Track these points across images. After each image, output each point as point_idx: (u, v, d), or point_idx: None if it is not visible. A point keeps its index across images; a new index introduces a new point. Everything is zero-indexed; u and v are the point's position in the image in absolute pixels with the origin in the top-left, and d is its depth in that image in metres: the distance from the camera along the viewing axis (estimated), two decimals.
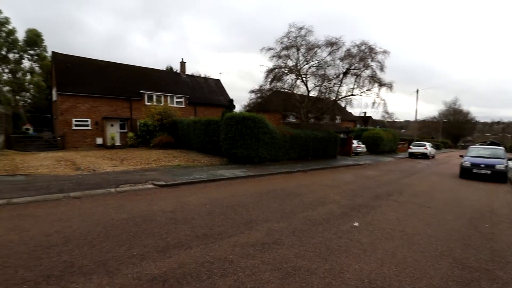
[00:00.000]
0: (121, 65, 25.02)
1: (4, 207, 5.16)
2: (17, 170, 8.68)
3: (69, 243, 3.63)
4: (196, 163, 12.40)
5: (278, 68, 19.86)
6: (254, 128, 12.66)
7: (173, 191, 7.10)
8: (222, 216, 5.10)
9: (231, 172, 10.36)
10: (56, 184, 6.93)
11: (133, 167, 10.50)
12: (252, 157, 12.84)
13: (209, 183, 8.45)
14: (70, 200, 5.80)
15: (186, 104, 26.15)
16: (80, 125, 20.74)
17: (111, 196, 6.32)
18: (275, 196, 7.02)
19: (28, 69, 33.29)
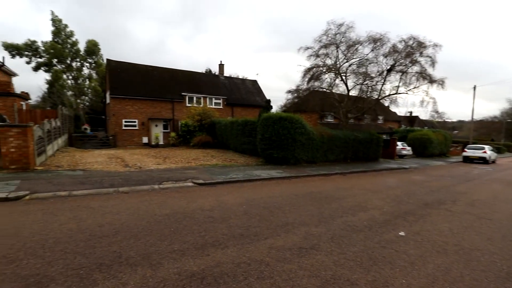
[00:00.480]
0: (164, 69, 26.64)
1: (66, 198, 5.80)
2: (77, 165, 9.72)
3: (118, 235, 3.93)
4: (233, 162, 12.64)
5: (316, 67, 19.35)
6: (291, 129, 12.48)
7: (211, 190, 7.31)
8: (258, 217, 5.09)
9: (267, 172, 10.35)
10: (108, 179, 7.60)
11: (175, 165, 11.07)
12: (288, 158, 12.68)
13: (246, 183, 8.53)
14: (120, 195, 6.31)
15: (224, 105, 26.87)
16: (128, 125, 22.57)
17: (154, 192, 6.73)
18: (312, 199, 6.82)
19: (87, 75, 37.23)
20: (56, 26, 32.45)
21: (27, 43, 32.19)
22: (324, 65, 19.30)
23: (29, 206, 5.13)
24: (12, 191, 5.79)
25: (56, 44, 32.39)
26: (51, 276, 2.80)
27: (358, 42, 17.44)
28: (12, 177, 7.01)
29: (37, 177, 7.20)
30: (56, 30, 32.60)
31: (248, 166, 11.94)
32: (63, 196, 5.90)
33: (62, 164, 9.63)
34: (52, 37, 32.77)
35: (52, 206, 5.21)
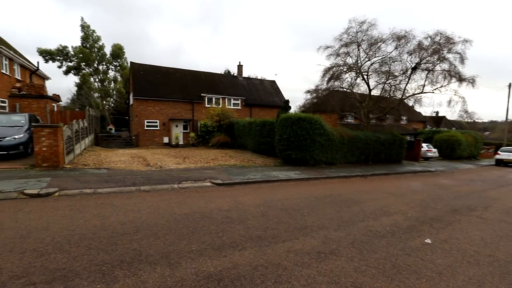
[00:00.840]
0: (184, 71, 27.25)
1: (91, 195, 6.06)
2: (102, 164, 10.16)
3: (139, 233, 4.03)
4: (250, 163, 12.65)
5: (336, 67, 18.95)
6: (310, 130, 12.29)
7: (229, 190, 7.34)
8: (276, 219, 5.03)
9: (285, 173, 10.24)
10: (130, 178, 7.86)
11: (194, 165, 11.25)
12: (307, 159, 12.48)
13: (263, 184, 8.49)
14: (141, 193, 6.49)
15: (242, 106, 27.02)
16: (150, 126, 23.30)
17: (174, 191, 6.86)
18: (332, 201, 6.64)
19: (112, 78, 38.93)
20: (84, 31, 34.22)
21: (59, 48, 34.20)
22: (345, 64, 18.86)
23: (58, 202, 5.41)
24: (43, 188, 6.14)
25: (84, 48, 34.15)
26: (76, 271, 2.91)
27: (381, 40, 16.86)
28: (43, 175, 7.44)
29: (66, 175, 7.59)
30: (84, 36, 34.37)
31: (266, 167, 11.89)
32: (89, 194, 6.16)
33: (89, 163, 10.10)
34: (81, 42, 34.58)
35: (78, 202, 5.46)
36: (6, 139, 8.94)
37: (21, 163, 8.64)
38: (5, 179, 6.73)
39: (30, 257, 3.17)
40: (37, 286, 2.64)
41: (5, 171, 7.59)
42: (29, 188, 6.04)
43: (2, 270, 2.87)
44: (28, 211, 4.82)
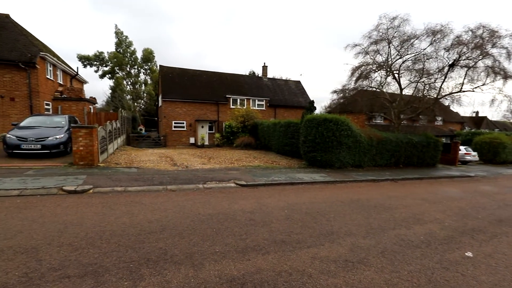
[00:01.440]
0: (210, 73, 27.84)
1: (121, 193, 6.34)
2: (132, 163, 10.65)
3: (165, 232, 4.12)
4: (274, 164, 12.55)
5: (365, 65, 18.24)
6: (336, 131, 11.91)
7: (253, 192, 7.31)
8: (301, 223, 4.90)
9: (310, 176, 10.01)
10: (158, 177, 8.14)
11: (218, 165, 11.40)
12: (333, 161, 12.11)
13: (287, 186, 8.36)
14: (167, 192, 6.68)
15: (266, 107, 26.99)
16: (177, 127, 24.09)
17: (199, 191, 6.98)
18: (359, 206, 6.35)
19: (143, 81, 40.92)
20: (118, 38, 36.35)
21: (95, 54, 36.67)
22: (374, 62, 18.09)
23: (92, 199, 5.73)
24: (79, 185, 6.54)
25: (118, 53, 36.27)
26: (106, 267, 3.03)
27: (414, 36, 15.93)
28: (80, 172, 7.95)
29: (100, 173, 8.05)
30: (118, 42, 36.52)
31: (290, 168, 11.72)
32: (119, 192, 6.46)
33: (120, 162, 10.64)
34: (115, 47, 36.78)
35: (110, 200, 5.74)
36: (49, 138, 9.70)
37: (61, 161, 9.33)
38: (48, 176, 7.29)
39: (66, 251, 3.36)
40: (71, 279, 2.77)
41: (48, 168, 8.22)
42: (67, 185, 6.48)
43: (42, 262, 3.07)
44: (66, 206, 5.15)
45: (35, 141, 9.46)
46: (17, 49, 15.32)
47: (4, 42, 15.49)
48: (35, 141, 9.46)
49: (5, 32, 16.16)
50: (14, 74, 15.03)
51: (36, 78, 15.38)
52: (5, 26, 16.55)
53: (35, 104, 15.49)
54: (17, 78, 15.10)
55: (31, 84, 15.26)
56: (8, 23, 16.89)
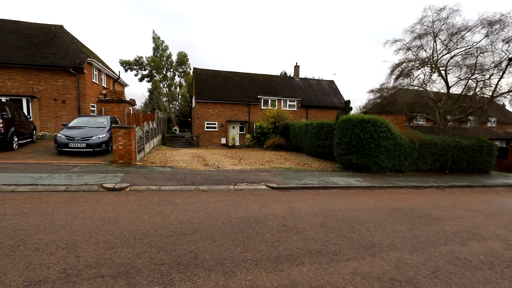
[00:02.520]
0: (242, 74, 28.05)
1: (155, 192, 6.49)
2: (166, 162, 11.00)
3: (196, 234, 4.06)
4: (306, 167, 12.14)
5: (406, 62, 17.01)
6: (374, 133, 11.16)
7: (284, 195, 7.06)
8: (337, 232, 4.54)
9: (345, 180, 9.47)
10: (190, 177, 8.25)
11: (249, 166, 11.31)
12: (370, 165, 11.36)
13: (321, 190, 7.96)
14: (199, 193, 6.70)
15: (298, 107, 26.48)
16: (210, 127, 24.62)
17: (230, 193, 6.90)
18: (402, 216, 5.77)
19: (178, 83, 42.67)
20: (155, 42, 38.32)
21: (135, 59, 39.06)
22: (417, 59, 16.77)
23: (128, 197, 5.93)
24: (118, 182, 6.84)
25: (155, 57, 38.24)
26: (138, 268, 3.02)
27: (465, 27, 14.43)
28: (118, 170, 8.36)
29: (136, 172, 8.39)
30: (155, 46, 38.51)
31: (323, 171, 11.23)
32: (154, 190, 6.63)
33: (155, 161, 11.05)
34: (153, 52, 38.84)
35: (145, 198, 5.88)
36: (93, 138, 10.41)
37: (103, 159, 9.93)
38: (90, 173, 7.76)
39: (102, 249, 3.43)
40: (105, 279, 2.79)
41: (91, 166, 8.78)
42: (107, 182, 6.81)
43: (80, 259, 3.15)
44: (104, 203, 5.38)
45: (81, 140, 10.20)
46: (68, 56, 16.79)
47: (58, 50, 17.07)
48: (81, 140, 10.20)
49: (59, 41, 17.81)
50: (65, 79, 16.49)
51: (83, 82, 16.71)
52: (59, 36, 18.25)
53: (82, 106, 16.83)
54: (68, 82, 16.54)
55: (79, 88, 16.61)
56: (62, 33, 18.60)
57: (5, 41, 16.59)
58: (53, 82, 16.33)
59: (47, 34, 18.03)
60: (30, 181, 6.54)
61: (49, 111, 16.41)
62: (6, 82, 15.76)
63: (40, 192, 5.92)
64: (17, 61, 15.67)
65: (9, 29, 17.54)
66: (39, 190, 6.01)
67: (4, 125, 9.86)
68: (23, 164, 8.34)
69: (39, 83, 16.16)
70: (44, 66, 15.97)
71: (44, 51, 16.69)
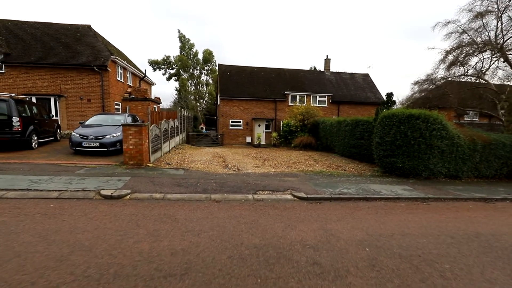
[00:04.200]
0: (268, 69, 26.67)
1: (158, 202, 5.43)
2: (183, 163, 10.06)
3: (187, 276, 2.83)
4: (340, 170, 10.48)
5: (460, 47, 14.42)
6: (426, 131, 9.19)
7: (315, 209, 5.62)
8: (397, 278, 3.04)
9: (390, 188, 7.73)
10: (204, 182, 7.12)
11: (273, 169, 9.97)
12: (419, 169, 9.41)
13: (361, 203, 6.37)
14: (210, 204, 5.52)
15: (328, 103, 24.50)
16: (234, 125, 23.64)
17: (247, 204, 5.63)
18: (487, 249, 4.05)
19: (205, 81, 42.44)
20: (182, 41, 38.34)
21: (164, 58, 39.47)
22: (474, 42, 14.12)
23: (123, 208, 4.93)
24: (118, 189, 5.92)
25: (182, 56, 38.27)
26: None
27: None
28: (126, 173, 7.51)
29: (145, 175, 7.46)
30: (182, 45, 38.54)
31: (361, 176, 9.53)
32: (157, 199, 5.58)
33: (172, 162, 10.16)
34: (179, 50, 38.93)
35: (142, 211, 4.83)
36: (107, 137, 9.78)
37: (115, 159, 9.23)
38: (94, 176, 6.97)
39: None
40: None
41: (99, 167, 8.06)
42: (107, 188, 5.91)
43: None
44: (91, 217, 4.40)
45: (95, 139, 9.62)
46: (93, 55, 16.74)
47: (84, 49, 17.11)
48: (94, 139, 9.62)
49: (85, 40, 17.90)
50: (90, 78, 16.44)
51: (107, 80, 16.55)
52: (86, 35, 18.37)
53: (106, 104, 16.69)
54: (93, 81, 16.48)
55: (103, 86, 16.47)
56: (89, 32, 18.72)
57: (37, 43, 16.98)
58: (79, 80, 16.37)
59: (75, 34, 18.22)
60: (26, 185, 5.85)
61: (76, 110, 16.49)
62: (36, 82, 16.08)
63: (28, 199, 5.15)
64: (47, 61, 15.90)
65: (41, 31, 17.99)
66: (28, 197, 5.24)
67: (21, 123, 9.58)
68: (30, 165, 7.84)
69: (66, 82, 16.27)
70: (71, 65, 16.03)
71: (71, 50, 16.81)
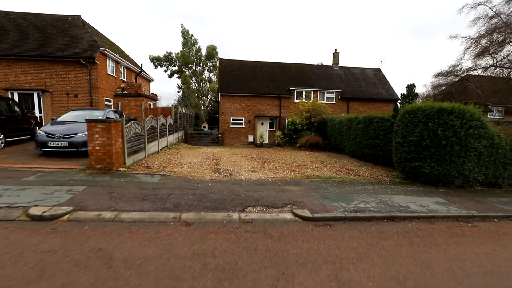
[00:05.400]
0: (272, 64, 25.02)
1: (104, 225, 3.89)
2: (167, 167, 8.55)
3: None
4: (352, 175, 8.81)
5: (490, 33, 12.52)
6: (460, 129, 7.45)
7: (324, 238, 4.00)
8: None
9: (418, 201, 6.04)
10: (179, 194, 5.57)
11: (273, 174, 8.37)
12: (452, 176, 7.66)
13: (386, 225, 4.72)
14: (176, 229, 3.96)
15: (337, 100, 22.70)
16: (236, 123, 22.08)
17: (228, 229, 4.06)
18: None
19: (207, 78, 41.05)
20: (184, 36, 36.99)
21: (165, 54, 38.20)
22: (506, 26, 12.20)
23: (45, 238, 3.42)
24: (58, 204, 4.43)
25: (184, 52, 36.93)
26: None
27: None
28: (84, 181, 6.03)
29: (107, 184, 5.95)
30: (184, 41, 37.18)
31: (379, 184, 7.84)
32: (105, 221, 4.05)
33: (154, 165, 8.66)
34: (182, 46, 37.61)
35: (69, 244, 3.31)
36: (78, 135, 8.33)
37: (83, 162, 7.72)
38: (42, 185, 5.51)
39: None
40: None
41: (56, 172, 6.58)
42: (44, 204, 4.42)
43: None
44: None
45: (63, 138, 8.18)
46: (80, 46, 15.42)
47: (72, 41, 15.81)
48: (62, 138, 8.18)
49: (74, 31, 16.61)
50: (77, 71, 15.13)
51: (96, 74, 15.20)
52: (75, 26, 17.08)
53: (95, 100, 15.37)
54: (80, 74, 15.16)
55: (91, 80, 15.14)
56: (78, 23, 17.44)
57: (21, 34, 15.75)
58: (65, 74, 15.07)
59: (64, 24, 16.95)
60: None
61: (62, 106, 15.19)
62: (19, 76, 14.85)
63: None
64: (30, 53, 14.64)
65: (27, 22, 16.77)
66: None
67: None
68: None
69: (51, 76, 14.99)
70: (56, 58, 14.72)
71: (57, 41, 15.53)
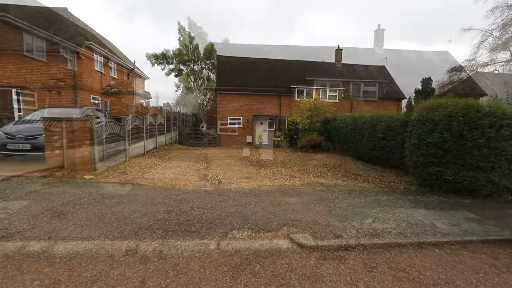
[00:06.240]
0: (272, 61, 23.92)
1: (23, 262, 2.74)
2: (145, 173, 7.41)
3: None
4: (361, 182, 7.67)
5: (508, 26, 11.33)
6: (490, 128, 6.29)
7: (335, 279, 2.86)
8: None
9: (447, 219, 4.88)
10: (147, 211, 4.44)
11: (269, 182, 7.24)
12: (480, 184, 6.50)
13: (413, 255, 3.57)
14: (126, 268, 2.83)
15: (340, 98, 21.53)
16: (233, 123, 20.96)
17: (202, 264, 2.93)
18: None
19: (206, 77, 39.84)
20: (181, 34, 35.87)
21: (163, 52, 37.05)
22: None
23: None
24: None
25: (181, 49, 35.80)
26: None
27: None
28: (33, 192, 4.91)
29: (58, 198, 4.81)
30: (181, 38, 36.06)
31: (392, 193, 6.69)
32: (28, 256, 2.92)
33: (132, 170, 7.52)
34: (179, 44, 36.49)
35: None
36: (42, 137, 7.21)
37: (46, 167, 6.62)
38: None
39: None
40: None
41: (8, 181, 5.47)
42: None
43: None
44: None
45: (25, 140, 7.06)
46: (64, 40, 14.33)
47: (55, 34, 14.71)
48: (24, 139, 7.06)
49: (58, 24, 15.51)
50: (60, 67, 14.04)
51: (81, 70, 14.12)
52: (60, 19, 16.01)
53: (80, 97, 14.28)
54: (63, 70, 14.08)
55: (75, 76, 14.06)
56: (64, 16, 16.36)
57: None
58: (47, 70, 13.98)
59: (48, 17, 15.86)
60: None
61: (44, 104, 14.08)
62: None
63: None
64: (8, 47, 13.55)
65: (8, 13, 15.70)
66: None
67: None
68: None
69: (32, 72, 13.91)
70: None
71: None
